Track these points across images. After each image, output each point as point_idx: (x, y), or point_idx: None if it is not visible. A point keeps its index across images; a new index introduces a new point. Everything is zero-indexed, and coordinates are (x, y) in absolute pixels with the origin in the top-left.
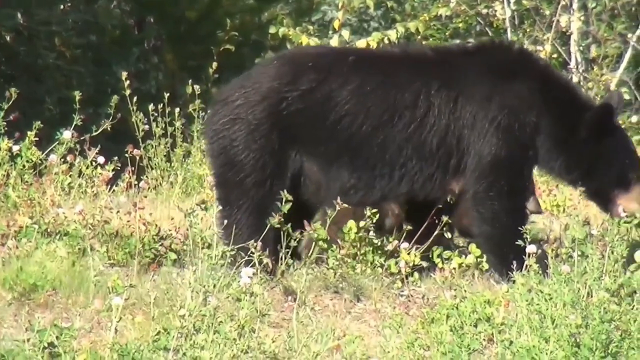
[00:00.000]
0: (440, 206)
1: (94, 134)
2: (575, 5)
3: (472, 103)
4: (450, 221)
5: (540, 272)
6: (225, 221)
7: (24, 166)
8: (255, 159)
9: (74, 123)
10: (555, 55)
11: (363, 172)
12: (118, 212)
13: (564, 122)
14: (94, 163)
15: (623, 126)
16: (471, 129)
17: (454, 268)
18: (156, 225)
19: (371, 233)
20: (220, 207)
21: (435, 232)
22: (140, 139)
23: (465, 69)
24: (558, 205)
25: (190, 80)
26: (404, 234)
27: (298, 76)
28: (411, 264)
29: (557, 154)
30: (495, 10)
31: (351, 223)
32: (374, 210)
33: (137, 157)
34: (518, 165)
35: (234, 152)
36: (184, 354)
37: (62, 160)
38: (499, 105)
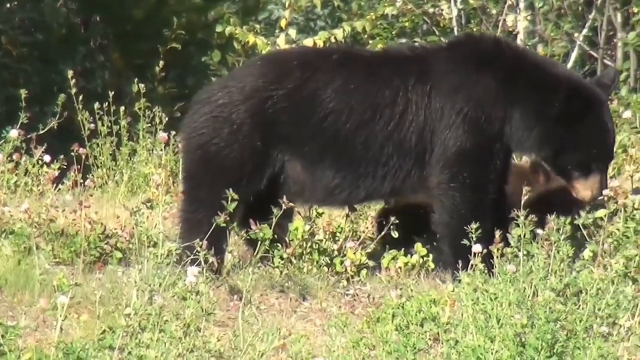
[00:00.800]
0: None
1: (40, 132)
2: (521, 5)
3: (441, 95)
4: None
5: (486, 271)
6: (188, 217)
7: None
8: (235, 158)
9: (20, 121)
10: None
11: (347, 171)
12: (64, 210)
13: (538, 104)
14: (40, 161)
15: None
16: (439, 120)
17: (400, 267)
18: (102, 224)
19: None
20: (186, 203)
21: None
22: (86, 138)
23: (438, 63)
24: None
25: (136, 79)
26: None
27: (283, 75)
28: (357, 263)
29: (530, 132)
30: (442, 10)
31: (298, 223)
32: (320, 211)
33: (83, 156)
34: (483, 158)
35: (214, 149)
36: (130, 352)
37: (8, 158)
38: (466, 97)
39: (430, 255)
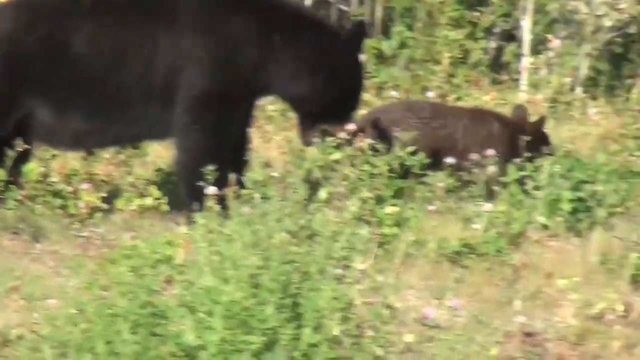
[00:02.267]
0: None
1: None
2: None
3: (190, 35)
4: None
5: (221, 213)
6: None
7: None
8: None
9: None
10: None
11: (97, 116)
12: None
13: (305, 49)
14: None
15: None
16: (187, 60)
17: (134, 210)
18: None
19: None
20: None
21: None
22: None
23: (189, 3)
24: None
25: None
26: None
27: (36, 20)
28: (91, 206)
29: (298, 77)
30: None
31: (32, 165)
32: (55, 154)
33: None
34: (227, 102)
35: None
36: None
37: None
38: (216, 38)
39: (165, 198)
